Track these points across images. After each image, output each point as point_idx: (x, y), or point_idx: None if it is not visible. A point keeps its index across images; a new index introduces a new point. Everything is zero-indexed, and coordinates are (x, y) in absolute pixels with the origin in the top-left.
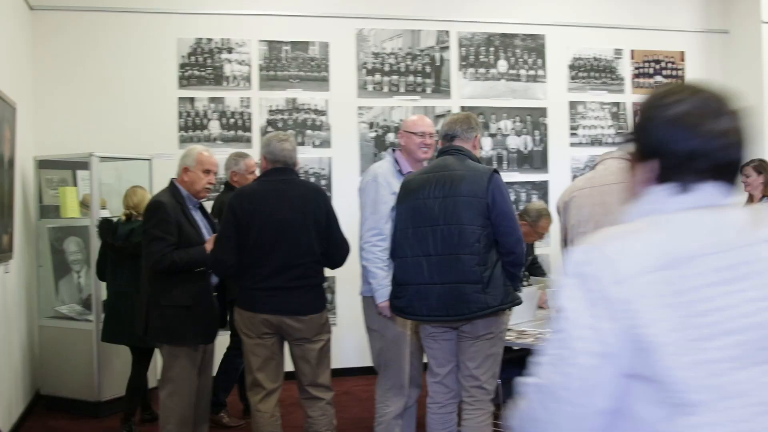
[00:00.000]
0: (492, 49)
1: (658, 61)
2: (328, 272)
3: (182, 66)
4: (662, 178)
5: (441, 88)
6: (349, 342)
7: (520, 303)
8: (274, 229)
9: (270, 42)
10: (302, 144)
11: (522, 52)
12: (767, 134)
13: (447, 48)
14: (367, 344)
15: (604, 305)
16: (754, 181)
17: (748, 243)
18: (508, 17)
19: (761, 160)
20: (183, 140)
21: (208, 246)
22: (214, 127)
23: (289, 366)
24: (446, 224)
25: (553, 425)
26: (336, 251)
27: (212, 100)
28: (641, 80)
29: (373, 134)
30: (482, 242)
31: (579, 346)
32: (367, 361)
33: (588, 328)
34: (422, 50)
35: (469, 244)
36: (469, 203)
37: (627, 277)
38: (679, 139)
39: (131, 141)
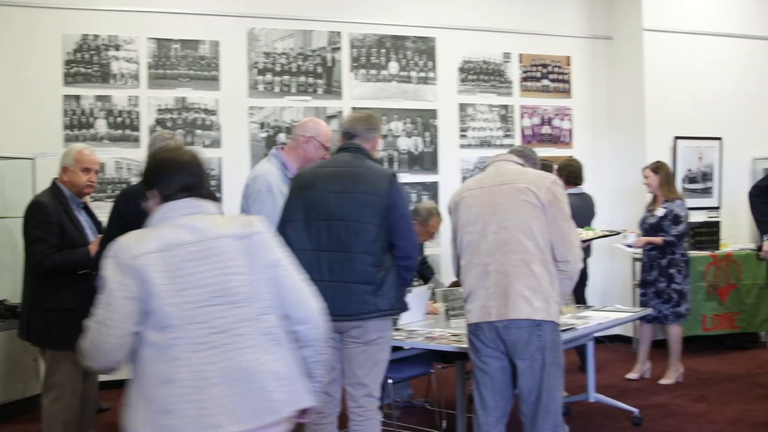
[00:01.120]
0: (383, 50)
1: (545, 65)
2: None
3: (68, 63)
4: (162, 199)
5: (332, 89)
6: None
7: (407, 310)
8: None
9: (159, 40)
10: (191, 144)
11: (413, 54)
12: (648, 136)
13: (338, 49)
14: None
15: (127, 270)
16: (652, 181)
17: (214, 237)
18: (399, 19)
19: (658, 162)
20: (68, 139)
21: (93, 247)
22: (101, 126)
23: None
24: (342, 220)
25: (104, 343)
26: None
27: (99, 98)
28: (529, 83)
29: (264, 134)
30: (378, 243)
31: (117, 293)
32: None
33: (120, 282)
34: (314, 51)
35: (365, 243)
36: (368, 201)
37: (138, 255)
38: (163, 176)
39: (13, 139)
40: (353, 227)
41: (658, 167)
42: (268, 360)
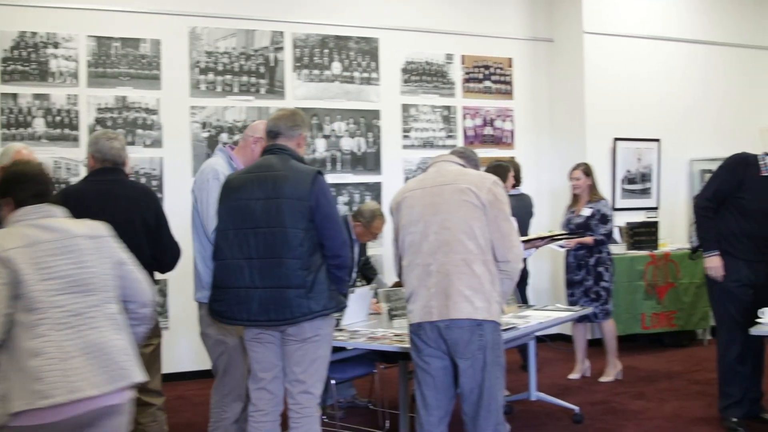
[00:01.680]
0: (326, 50)
1: (487, 67)
2: (161, 275)
3: (4, 60)
4: (15, 205)
5: (275, 89)
6: (183, 346)
7: (344, 308)
8: None
9: (99, 38)
10: (132, 143)
11: (356, 54)
12: (588, 138)
13: (281, 49)
14: (202, 348)
15: (0, 261)
16: (582, 183)
17: (71, 236)
18: (342, 20)
19: (587, 164)
20: (5, 138)
21: None
22: (39, 125)
23: None
24: (269, 227)
25: None
26: (165, 255)
27: (37, 96)
28: (471, 85)
29: (206, 134)
30: (306, 245)
31: None
32: (201, 365)
33: None
34: (256, 50)
35: (292, 248)
36: (292, 205)
37: (8, 248)
38: (17, 185)
39: None
40: (280, 233)
41: (588, 169)
42: (115, 338)
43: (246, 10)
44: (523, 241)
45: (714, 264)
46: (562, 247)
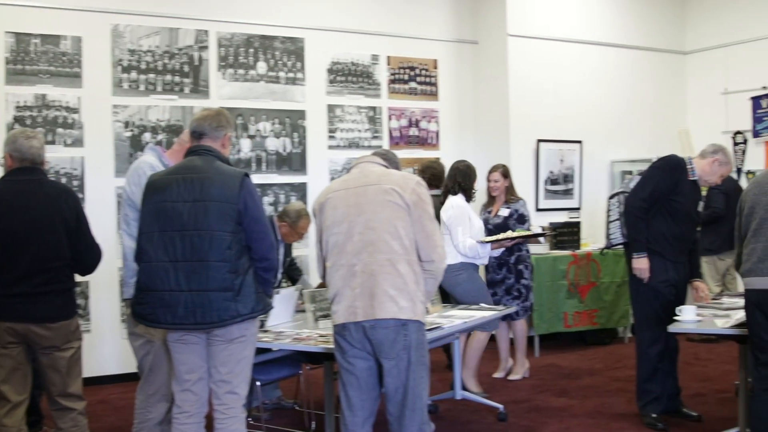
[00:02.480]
0: (252, 50)
1: (412, 68)
2: (82, 276)
3: None
4: None
5: (200, 88)
6: (105, 349)
7: (271, 309)
8: (20, 232)
9: (18, 34)
10: (52, 143)
11: (281, 54)
12: (512, 138)
13: (206, 47)
14: (125, 351)
15: None
16: (501, 185)
17: None
18: (267, 19)
19: (505, 166)
20: None
21: None
22: None
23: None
24: (196, 230)
25: None
26: (86, 256)
27: None
28: (397, 86)
29: (129, 134)
30: (233, 248)
31: None
32: (125, 368)
33: None
34: (180, 49)
35: (219, 251)
36: (219, 208)
37: None
38: None
39: None
40: (207, 236)
41: (506, 171)
42: None
43: (170, 8)
44: (491, 242)
45: (642, 266)
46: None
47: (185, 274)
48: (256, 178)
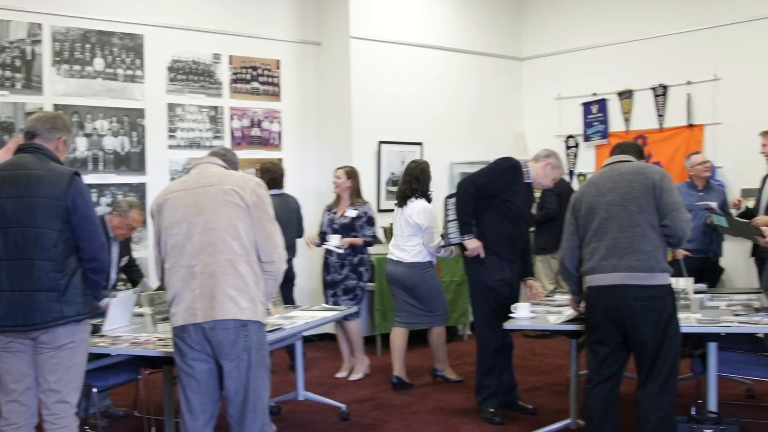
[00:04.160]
0: (88, 45)
1: (255, 68)
2: None
3: None
4: None
5: (32, 84)
6: None
7: (99, 312)
8: None
9: None
10: None
11: (120, 50)
12: (354, 139)
13: (39, 42)
14: None
15: None
16: (342, 183)
17: None
18: (105, 14)
19: (352, 167)
20: None
21: None
22: None
23: None
24: (20, 226)
25: None
26: None
27: None
28: (239, 85)
29: None
30: (60, 247)
31: None
32: None
33: None
34: (11, 42)
35: (45, 249)
36: (46, 205)
37: None
38: None
39: None
40: (31, 233)
41: (352, 172)
42: None
43: None
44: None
45: (474, 245)
46: (337, 247)
47: (7, 273)
48: (93, 178)
